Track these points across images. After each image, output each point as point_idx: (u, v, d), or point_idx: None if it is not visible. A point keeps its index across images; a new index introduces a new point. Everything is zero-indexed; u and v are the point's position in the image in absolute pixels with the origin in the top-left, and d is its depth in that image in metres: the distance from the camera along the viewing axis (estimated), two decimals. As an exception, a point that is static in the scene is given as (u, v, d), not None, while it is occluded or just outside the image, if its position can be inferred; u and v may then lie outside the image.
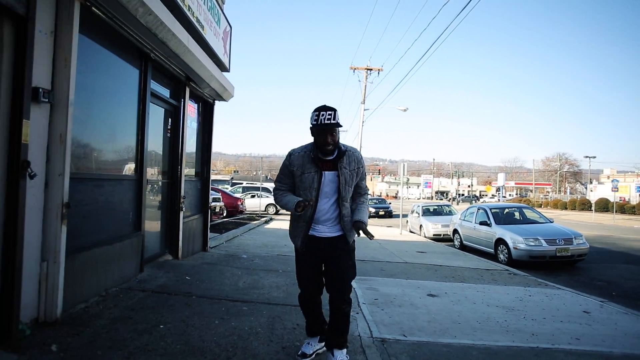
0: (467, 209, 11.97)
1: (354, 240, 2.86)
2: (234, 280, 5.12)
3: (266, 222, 16.49)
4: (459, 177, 64.49)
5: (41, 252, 3.06)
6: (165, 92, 5.62)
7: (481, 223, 10.42)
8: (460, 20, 9.60)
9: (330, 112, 2.56)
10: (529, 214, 10.75)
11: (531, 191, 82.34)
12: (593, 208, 33.43)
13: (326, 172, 2.71)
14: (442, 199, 73.35)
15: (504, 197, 74.65)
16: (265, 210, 23.82)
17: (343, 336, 2.79)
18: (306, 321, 3.01)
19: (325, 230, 2.77)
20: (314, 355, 2.92)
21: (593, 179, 75.93)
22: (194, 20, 5.46)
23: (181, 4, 4.81)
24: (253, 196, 24.49)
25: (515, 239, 8.89)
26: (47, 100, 3.00)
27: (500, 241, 9.40)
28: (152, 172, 5.40)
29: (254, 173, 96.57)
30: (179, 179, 5.95)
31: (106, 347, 2.83)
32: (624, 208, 36.98)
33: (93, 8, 3.44)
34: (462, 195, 77.18)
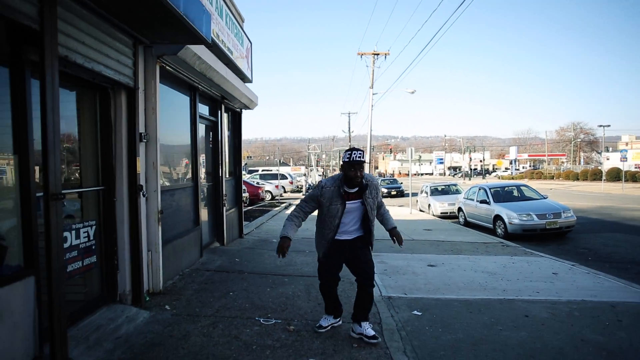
0: (470, 188, 13.11)
1: (372, 243, 3.57)
2: (272, 260, 6.48)
3: (286, 207, 17.88)
4: (470, 152, 64.75)
5: (147, 244, 4.41)
6: (206, 111, 6.88)
7: (481, 201, 11.58)
8: (470, 3, 10.32)
9: (360, 152, 3.24)
10: (526, 191, 11.83)
11: (546, 162, 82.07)
12: (603, 178, 33.89)
13: (348, 203, 3.33)
14: (455, 175, 73.75)
15: (517, 170, 74.89)
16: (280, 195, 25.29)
17: (367, 311, 3.49)
18: (325, 303, 3.70)
19: (346, 235, 3.43)
20: (329, 327, 3.63)
21: (610, 147, 75.10)
22: (226, 50, 6.65)
23: (221, 45, 6.02)
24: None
25: (510, 214, 10.05)
26: (145, 140, 4.30)
27: (497, 217, 10.57)
28: (202, 178, 6.72)
29: (267, 158, 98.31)
30: (221, 180, 7.27)
31: (200, 306, 4.20)
32: (636, 177, 37.22)
33: (166, 67, 4.69)
34: (475, 170, 77.40)
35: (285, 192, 30.82)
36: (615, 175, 37.65)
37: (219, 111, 7.31)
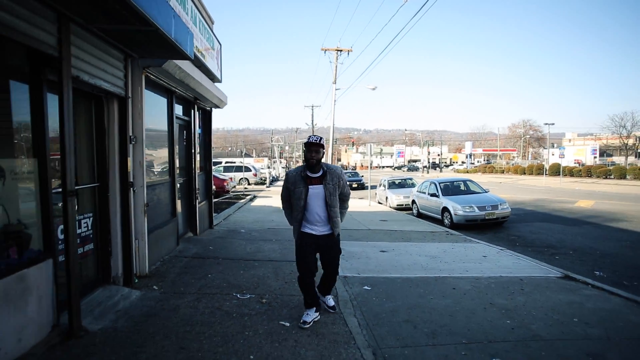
0: (422, 182, 14.35)
1: (339, 233, 3.93)
2: (243, 248, 7.21)
3: (251, 200, 18.46)
4: (428, 147, 67.62)
5: (135, 233, 5.02)
6: (180, 112, 7.42)
7: (432, 195, 12.81)
8: (428, 9, 11.33)
9: (317, 137, 3.66)
10: (471, 185, 13.18)
11: (498, 157, 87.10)
12: (545, 173, 36.95)
13: (311, 187, 3.70)
14: (415, 168, 76.59)
15: (472, 164, 79.07)
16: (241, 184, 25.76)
17: (330, 288, 4.20)
18: (304, 297, 3.94)
19: (318, 229, 3.80)
20: (312, 323, 3.83)
21: (555, 144, 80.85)
22: (200, 55, 7.21)
23: (197, 53, 6.58)
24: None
25: (456, 206, 11.30)
26: (133, 142, 4.88)
27: (445, 209, 11.81)
28: (177, 174, 7.29)
29: (229, 148, 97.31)
30: (194, 175, 7.86)
31: (183, 286, 4.89)
32: (573, 171, 40.80)
33: (150, 76, 5.26)
34: (434, 163, 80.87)
35: (249, 184, 31.23)
36: (556, 170, 41.05)
37: (192, 111, 7.86)
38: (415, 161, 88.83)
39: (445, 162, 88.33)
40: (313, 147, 3.64)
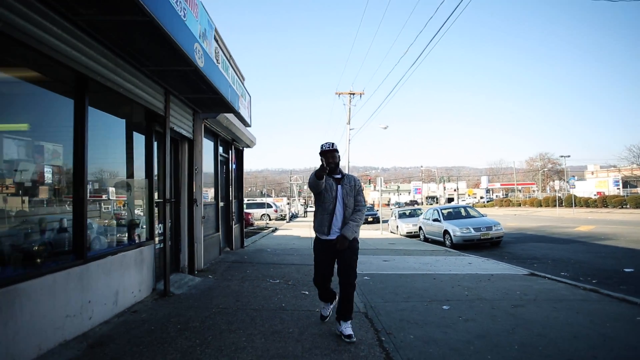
0: (427, 210, 15.91)
1: (357, 240, 3.86)
2: (270, 258, 8.94)
3: (273, 231, 20.23)
4: (444, 182, 68.74)
5: (195, 238, 6.85)
6: (221, 150, 9.47)
7: (434, 220, 14.34)
8: (434, 45, 13.42)
9: (329, 143, 3.81)
10: (470, 211, 14.67)
11: (519, 191, 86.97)
12: (557, 204, 37.66)
13: (340, 185, 3.82)
14: (431, 204, 77.37)
15: (490, 199, 79.30)
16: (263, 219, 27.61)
17: (348, 313, 3.71)
18: (319, 292, 4.07)
19: (338, 232, 3.76)
20: (330, 314, 4.12)
21: (576, 176, 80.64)
22: (237, 108, 9.34)
23: (232, 104, 8.70)
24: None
25: (454, 229, 12.79)
26: (196, 171, 6.85)
27: (446, 232, 13.29)
28: (220, 199, 9.23)
29: (249, 189, 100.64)
30: (230, 202, 9.78)
31: (230, 277, 6.63)
32: (589, 202, 41.18)
33: (206, 124, 7.32)
34: (451, 199, 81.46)
35: (270, 219, 33.12)
36: (571, 201, 41.58)
37: (230, 150, 9.92)
38: (432, 197, 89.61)
39: (463, 198, 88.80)
40: (329, 154, 3.79)
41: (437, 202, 73.41)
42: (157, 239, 5.44)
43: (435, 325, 4.12)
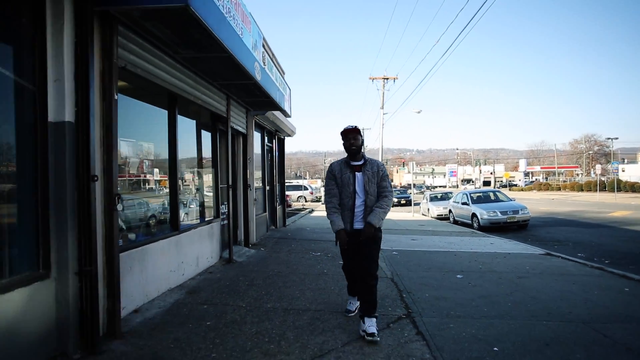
0: (457, 194, 16.57)
1: (381, 229, 3.61)
2: (310, 235, 10.15)
3: (309, 212, 21.55)
4: (480, 165, 67.56)
5: (249, 215, 8.11)
6: (267, 141, 10.67)
7: (463, 203, 15.04)
8: (471, 28, 13.85)
9: (352, 125, 3.65)
10: (499, 195, 15.23)
11: (560, 174, 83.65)
12: (598, 188, 36.59)
13: (357, 173, 3.57)
14: (465, 187, 76.34)
15: (529, 181, 77.05)
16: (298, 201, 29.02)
17: (371, 308, 3.42)
18: (347, 284, 4.03)
19: (359, 224, 3.57)
20: (356, 311, 3.90)
21: (627, 159, 76.58)
22: (283, 107, 10.45)
23: (279, 102, 9.82)
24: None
25: (481, 212, 13.49)
26: (249, 160, 8.06)
27: (474, 215, 14.01)
28: (266, 183, 10.48)
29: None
30: (274, 185, 11.02)
31: (278, 249, 7.88)
32: (635, 187, 39.61)
33: (256, 120, 8.49)
34: (488, 182, 79.91)
35: (306, 201, 34.57)
36: (614, 186, 40.13)
37: (273, 139, 11.12)
38: (468, 180, 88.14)
39: (501, 181, 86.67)
40: (350, 134, 3.58)
41: (472, 185, 72.38)
42: (221, 217, 6.73)
43: (447, 288, 5.14)
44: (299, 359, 3.03)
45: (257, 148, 9.43)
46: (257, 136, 9.37)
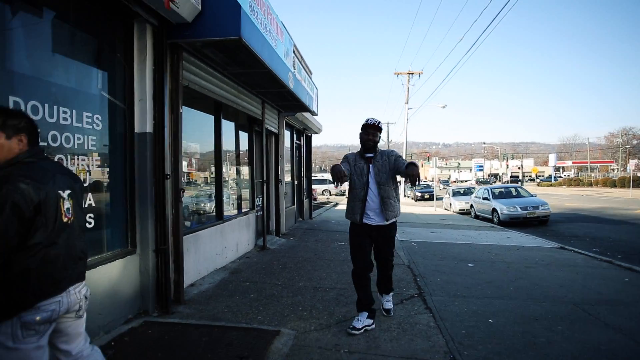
0: (478, 189, 16.90)
1: (395, 227, 3.68)
2: (335, 227, 10.89)
3: (334, 205, 22.29)
4: (507, 160, 66.32)
5: (280, 208, 8.93)
6: (295, 138, 11.45)
7: (484, 198, 15.39)
8: (497, 24, 14.26)
9: (376, 120, 3.53)
10: (520, 191, 15.48)
11: (594, 169, 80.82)
12: (631, 185, 35.59)
13: (371, 165, 3.56)
14: (485, 182, 75.13)
15: (559, 177, 74.94)
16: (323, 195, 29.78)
17: (389, 288, 3.91)
18: (358, 297, 3.63)
19: (374, 218, 3.54)
20: (362, 330, 3.47)
21: (668, 154, 73.22)
22: (312, 109, 11.18)
23: (308, 105, 10.56)
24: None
25: (501, 207, 13.85)
26: (281, 157, 8.85)
27: (494, 210, 14.37)
28: (294, 178, 11.28)
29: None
30: (302, 180, 11.81)
31: (306, 239, 8.67)
32: (671, 183, 38.23)
33: (286, 120, 9.26)
34: (516, 177, 78.24)
35: (330, 194, 35.36)
36: (649, 182, 38.87)
37: (301, 137, 11.88)
38: (495, 175, 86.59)
39: (530, 176, 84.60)
40: (370, 129, 3.56)
41: (498, 180, 71.17)
42: (256, 209, 7.55)
43: (457, 275, 5.77)
44: (327, 322, 3.78)
45: (287, 146, 10.21)
46: (286, 134, 10.14)
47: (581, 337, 3.50)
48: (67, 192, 1.89)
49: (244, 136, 7.33)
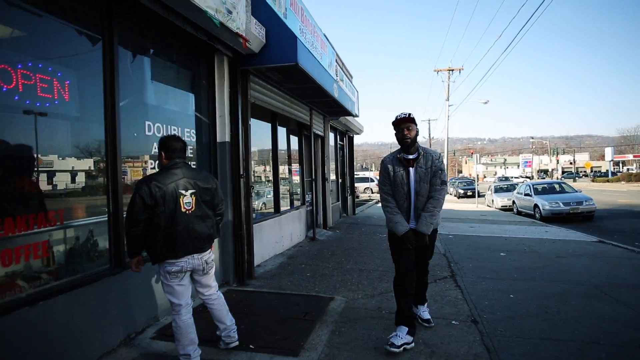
0: (520, 185, 16.92)
1: (437, 230, 3.44)
2: (377, 222, 11.65)
3: (376, 203, 22.95)
4: (557, 155, 63.30)
5: (326, 203, 9.84)
6: (339, 139, 12.32)
7: (526, 194, 15.48)
8: (539, 15, 14.40)
9: (405, 113, 3.19)
10: (564, 187, 15.40)
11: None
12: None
13: (411, 169, 3.21)
14: (543, 178, 71.95)
15: (617, 172, 70.30)
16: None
17: (424, 298, 3.75)
18: (398, 308, 3.27)
19: (414, 222, 3.24)
20: (402, 349, 3.07)
21: None
22: (354, 113, 12.01)
23: (350, 110, 11.40)
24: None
25: (543, 203, 13.94)
26: (326, 158, 9.76)
27: (536, 205, 14.46)
28: (339, 177, 12.15)
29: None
30: (345, 178, 12.67)
31: (351, 232, 9.52)
32: None
33: (331, 123, 10.16)
34: (569, 173, 74.45)
35: (372, 192, 35.98)
36: None
37: (344, 138, 12.74)
38: (544, 171, 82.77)
39: (585, 172, 79.99)
40: (403, 124, 3.20)
41: (548, 176, 68.10)
42: (306, 204, 8.51)
43: (488, 261, 6.38)
44: (372, 293, 4.63)
45: (331, 147, 11.12)
46: (331, 136, 11.05)
47: (589, 309, 4.09)
48: (190, 191, 2.84)
49: (294, 140, 8.30)
